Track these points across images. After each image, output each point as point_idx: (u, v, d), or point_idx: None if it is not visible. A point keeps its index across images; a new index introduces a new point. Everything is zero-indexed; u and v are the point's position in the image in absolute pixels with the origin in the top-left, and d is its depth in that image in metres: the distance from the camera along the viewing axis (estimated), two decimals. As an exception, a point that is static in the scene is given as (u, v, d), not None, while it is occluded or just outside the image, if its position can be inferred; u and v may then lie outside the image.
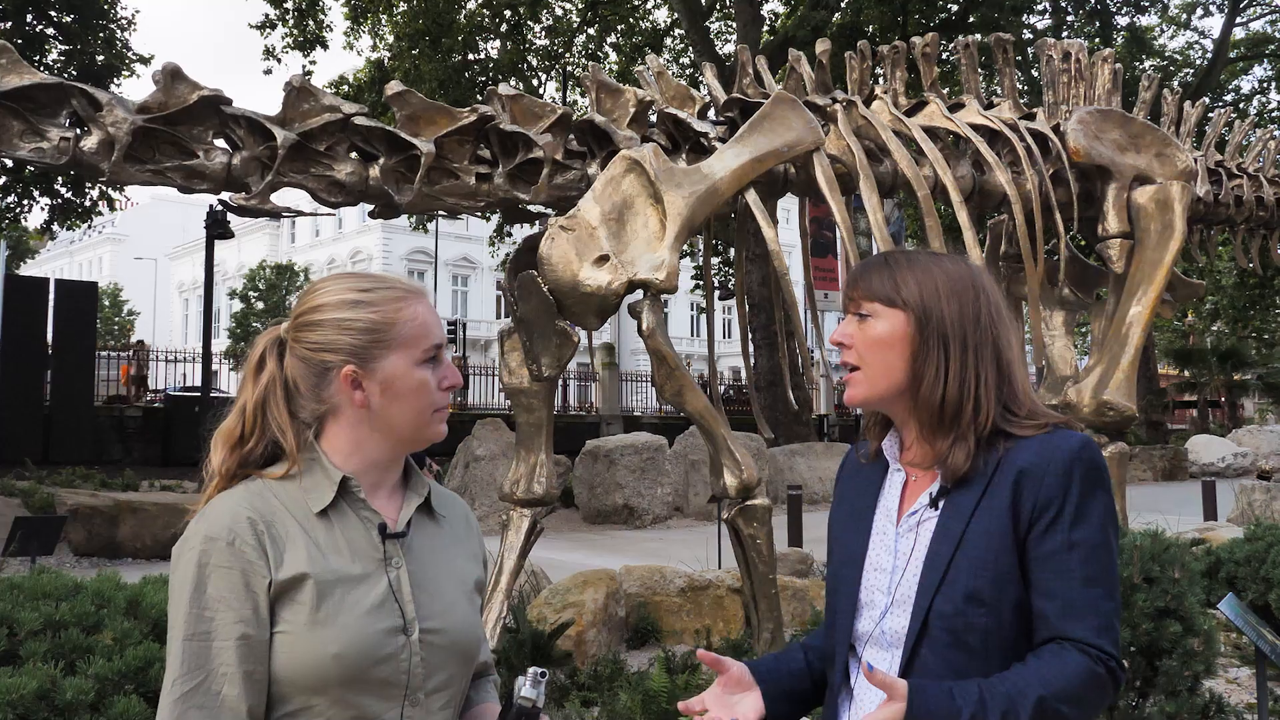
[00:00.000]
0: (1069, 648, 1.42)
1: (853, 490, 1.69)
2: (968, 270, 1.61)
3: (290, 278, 46.08)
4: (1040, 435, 1.51)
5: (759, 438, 13.54)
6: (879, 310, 1.58)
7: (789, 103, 4.58)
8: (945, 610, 1.46)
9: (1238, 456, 21.96)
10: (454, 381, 1.50)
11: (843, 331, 1.62)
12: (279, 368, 1.47)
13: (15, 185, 18.62)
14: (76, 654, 3.24)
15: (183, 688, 1.30)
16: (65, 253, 66.41)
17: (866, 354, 1.58)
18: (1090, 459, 1.48)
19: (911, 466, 1.61)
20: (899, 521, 1.58)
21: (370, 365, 1.44)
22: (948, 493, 1.53)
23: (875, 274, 1.60)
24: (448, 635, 1.44)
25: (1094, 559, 1.45)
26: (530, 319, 4.29)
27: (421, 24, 21.82)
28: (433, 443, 1.51)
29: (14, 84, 3.37)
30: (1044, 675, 1.40)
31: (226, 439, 1.46)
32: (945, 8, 22.29)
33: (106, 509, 10.69)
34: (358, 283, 1.49)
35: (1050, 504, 1.46)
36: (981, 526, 1.48)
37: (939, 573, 1.48)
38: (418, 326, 1.47)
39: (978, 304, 1.56)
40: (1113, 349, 5.14)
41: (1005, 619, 1.46)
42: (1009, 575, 1.46)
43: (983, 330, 1.55)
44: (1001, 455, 1.50)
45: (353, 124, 3.89)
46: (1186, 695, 3.55)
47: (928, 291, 1.56)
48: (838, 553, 1.65)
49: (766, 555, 4.32)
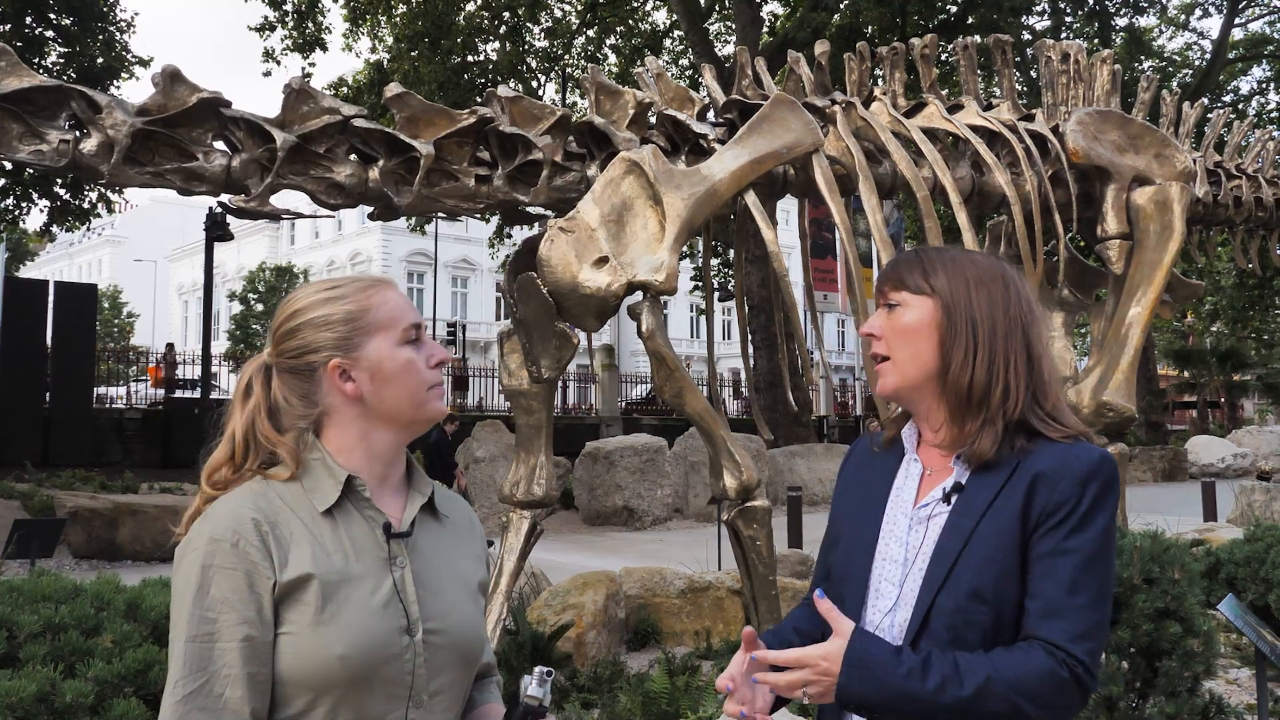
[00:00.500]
0: (1037, 646, 1.42)
1: (864, 477, 1.68)
2: (997, 263, 1.63)
3: (290, 280, 46.07)
4: (1063, 444, 1.51)
5: (759, 439, 13.53)
6: (908, 299, 1.59)
7: (788, 104, 4.58)
8: (947, 606, 1.47)
9: (1237, 457, 21.98)
10: (442, 358, 1.51)
11: (872, 323, 1.63)
12: (265, 392, 1.48)
13: (14, 187, 18.62)
14: (76, 657, 3.23)
15: (185, 689, 1.30)
16: (65, 255, 66.42)
17: (896, 343, 1.59)
18: (1108, 475, 1.49)
19: (928, 458, 1.61)
20: (912, 512, 1.58)
21: (354, 354, 1.45)
22: (961, 489, 1.53)
23: (905, 266, 1.62)
24: (451, 636, 1.44)
25: (1086, 568, 1.45)
26: (530, 321, 4.28)
27: (420, 26, 21.83)
28: (433, 421, 1.52)
29: (13, 86, 3.37)
30: (1000, 662, 1.41)
31: (214, 468, 1.46)
32: (944, 9, 22.30)
33: (106, 511, 10.69)
34: (326, 283, 1.52)
35: (1058, 509, 1.46)
36: (991, 526, 1.48)
37: (944, 569, 1.49)
38: (391, 309, 1.49)
39: (1007, 294, 1.58)
40: (1112, 350, 5.14)
41: (1006, 618, 1.47)
42: (1012, 575, 1.47)
43: (1012, 319, 1.56)
44: (1021, 457, 1.51)
45: (352, 126, 3.89)
46: (1186, 696, 3.55)
47: (956, 280, 1.58)
48: (847, 538, 1.64)
49: (766, 557, 4.32)
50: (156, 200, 61.01)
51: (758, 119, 4.51)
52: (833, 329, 49.22)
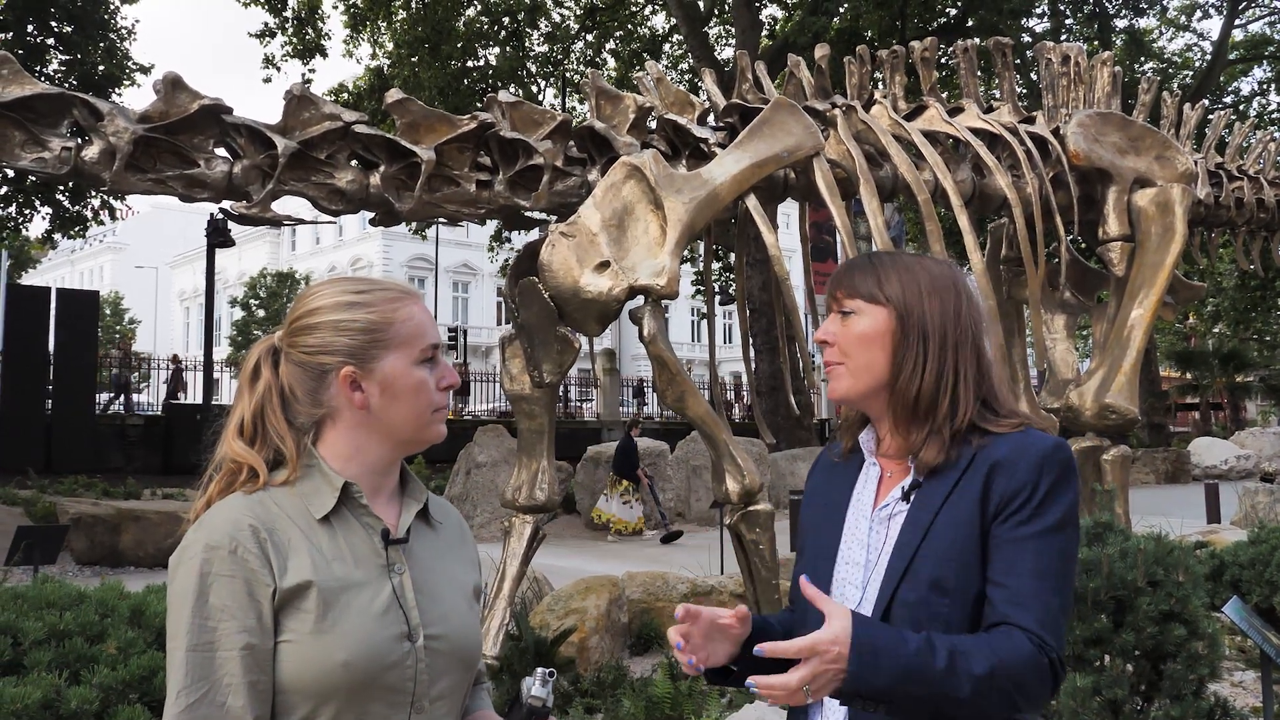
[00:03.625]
0: (1016, 631, 1.42)
1: (825, 486, 1.69)
2: (949, 270, 1.63)
3: (291, 285, 46.07)
4: (1015, 434, 1.53)
5: (760, 443, 13.52)
6: (862, 307, 1.60)
7: (788, 108, 4.59)
8: (909, 599, 1.47)
9: (1240, 459, 21.96)
10: (452, 382, 1.50)
11: (825, 330, 1.64)
12: (274, 376, 1.46)
13: (16, 195, 18.65)
14: (80, 663, 3.23)
15: (187, 699, 1.29)
16: (66, 262, 66.42)
17: (849, 350, 1.59)
18: (1063, 458, 1.50)
19: (886, 461, 1.62)
20: (872, 514, 1.58)
21: (369, 365, 1.43)
22: (919, 486, 1.53)
23: (859, 273, 1.62)
24: (450, 641, 1.44)
25: (1047, 553, 1.45)
26: (531, 325, 4.29)
27: (420, 31, 21.85)
28: (432, 443, 1.50)
29: (15, 94, 3.38)
30: (995, 646, 1.40)
31: (234, 435, 1.45)
32: (944, 12, 22.32)
33: (108, 518, 10.69)
34: (353, 285, 1.49)
35: (1017, 495, 1.47)
36: (949, 517, 1.48)
37: (904, 562, 1.49)
38: (414, 326, 1.47)
39: (959, 302, 1.58)
40: (1114, 352, 5.13)
41: (968, 609, 1.47)
42: (973, 565, 1.47)
43: (963, 328, 1.57)
44: (976, 450, 1.51)
45: (353, 132, 3.90)
46: (1191, 699, 3.54)
47: (909, 289, 1.58)
48: (810, 548, 1.65)
49: (769, 560, 4.31)
50: (158, 207, 61.13)
51: (758, 123, 4.51)
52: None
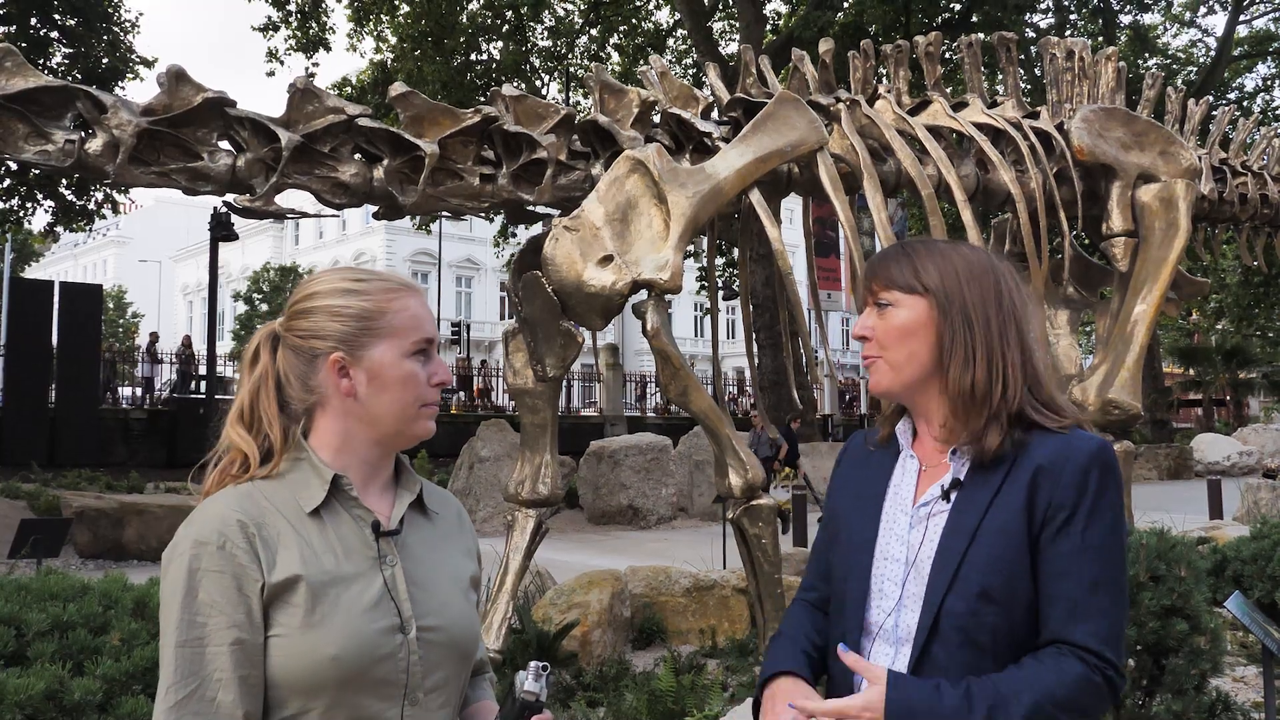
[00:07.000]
0: (1067, 653, 1.40)
1: (860, 475, 1.66)
2: (985, 255, 1.60)
3: (294, 280, 46.11)
4: (1060, 435, 1.50)
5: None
6: (899, 298, 1.56)
7: (792, 102, 4.58)
8: (957, 609, 1.45)
9: (1243, 455, 21.92)
10: (443, 378, 1.49)
11: (863, 324, 1.60)
12: (272, 361, 1.46)
13: (19, 188, 18.66)
14: (84, 655, 3.25)
15: (177, 695, 1.29)
16: (69, 255, 66.49)
17: (888, 343, 1.56)
18: (1107, 462, 1.48)
19: (924, 454, 1.59)
20: (912, 511, 1.56)
21: (358, 353, 1.43)
22: (960, 485, 1.51)
23: (894, 263, 1.59)
24: (445, 633, 1.43)
25: (1102, 562, 1.43)
26: (535, 320, 4.29)
27: (424, 25, 21.83)
28: (420, 440, 1.48)
29: (19, 87, 3.38)
30: (1039, 679, 1.39)
31: (234, 421, 1.46)
32: (948, 7, 22.26)
33: (112, 511, 10.71)
34: (353, 274, 1.49)
35: (1065, 504, 1.45)
36: (996, 524, 1.46)
37: (951, 569, 1.46)
38: (409, 318, 1.46)
39: (998, 286, 1.55)
40: (1118, 347, 5.13)
41: (1017, 618, 1.45)
42: (1021, 574, 1.45)
43: (1005, 312, 1.54)
44: (1019, 450, 1.49)
45: (357, 125, 3.90)
46: (1193, 694, 3.54)
47: (948, 276, 1.55)
48: (846, 537, 1.62)
49: (772, 555, 4.31)
50: (161, 200, 61.09)
51: (762, 117, 4.51)
52: (837, 327, 49.11)
